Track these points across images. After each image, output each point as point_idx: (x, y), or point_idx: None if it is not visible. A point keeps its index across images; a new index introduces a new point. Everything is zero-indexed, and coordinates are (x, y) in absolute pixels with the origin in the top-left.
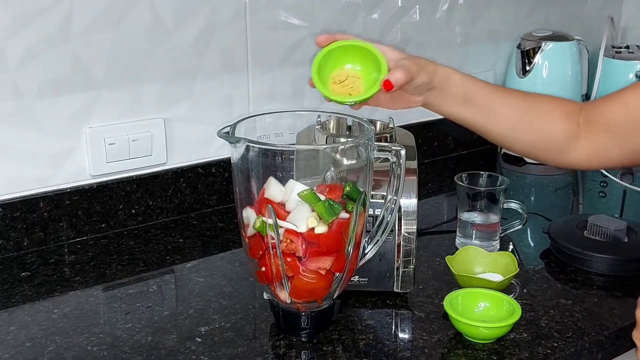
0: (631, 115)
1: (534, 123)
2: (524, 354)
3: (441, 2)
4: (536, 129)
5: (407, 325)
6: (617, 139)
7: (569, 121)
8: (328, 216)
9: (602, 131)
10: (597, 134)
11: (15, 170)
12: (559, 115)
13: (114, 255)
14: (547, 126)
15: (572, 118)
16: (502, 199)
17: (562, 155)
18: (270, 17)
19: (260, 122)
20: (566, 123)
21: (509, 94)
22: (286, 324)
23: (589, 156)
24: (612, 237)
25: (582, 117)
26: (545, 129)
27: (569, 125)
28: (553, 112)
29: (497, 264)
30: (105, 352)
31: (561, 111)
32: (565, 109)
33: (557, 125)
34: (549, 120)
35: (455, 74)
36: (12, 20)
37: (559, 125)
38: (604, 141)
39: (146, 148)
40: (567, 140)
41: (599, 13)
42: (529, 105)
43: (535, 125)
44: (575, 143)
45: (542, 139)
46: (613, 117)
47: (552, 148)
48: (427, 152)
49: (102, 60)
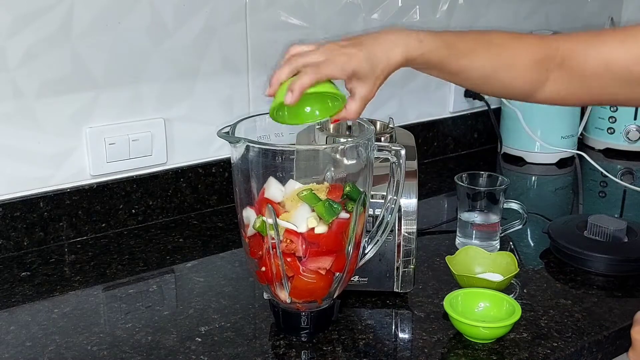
0: (610, 73)
1: (503, 82)
2: (523, 354)
3: (441, 2)
4: (505, 86)
5: (407, 325)
6: (589, 88)
7: (538, 70)
8: (328, 216)
9: (574, 79)
10: (568, 81)
11: (15, 170)
12: (529, 66)
13: (114, 255)
14: (517, 83)
15: (542, 65)
16: (502, 199)
17: (528, 98)
18: (270, 17)
19: (260, 122)
20: (535, 73)
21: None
22: (286, 324)
23: (556, 98)
24: (612, 237)
25: (555, 62)
26: (515, 85)
27: (538, 74)
28: (524, 66)
29: (497, 264)
30: (105, 351)
31: (532, 61)
32: (537, 57)
33: (526, 79)
34: (519, 77)
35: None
36: (12, 20)
37: (527, 78)
38: (575, 87)
39: (146, 148)
40: (535, 87)
41: (599, 13)
42: (498, 63)
43: (505, 84)
44: (543, 88)
45: (512, 91)
46: (590, 71)
47: (519, 96)
48: (427, 152)
49: (102, 60)
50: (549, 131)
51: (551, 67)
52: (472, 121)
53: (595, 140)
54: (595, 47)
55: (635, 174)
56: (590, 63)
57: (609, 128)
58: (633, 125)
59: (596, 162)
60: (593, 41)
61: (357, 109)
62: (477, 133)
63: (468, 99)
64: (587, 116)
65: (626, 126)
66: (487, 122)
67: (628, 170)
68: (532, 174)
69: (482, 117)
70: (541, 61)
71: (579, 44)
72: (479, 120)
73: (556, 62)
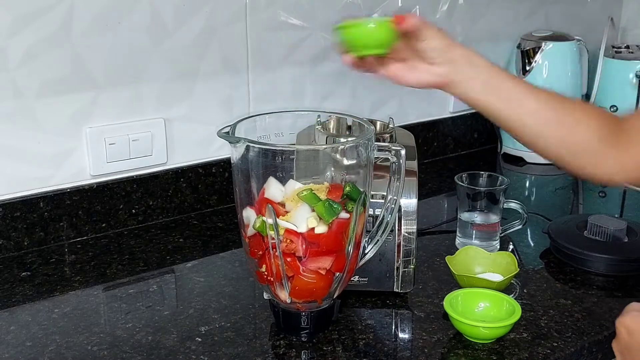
0: None
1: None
2: (523, 354)
3: (441, 2)
4: (568, 128)
5: (407, 325)
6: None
7: (603, 128)
8: (328, 216)
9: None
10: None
11: (15, 170)
12: (594, 120)
13: (115, 255)
14: (581, 127)
15: (608, 126)
16: (502, 199)
17: (593, 165)
18: (270, 17)
19: (260, 122)
20: (601, 129)
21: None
22: (286, 324)
23: (621, 170)
24: (612, 237)
25: (619, 127)
26: (579, 129)
27: (604, 132)
28: (587, 116)
29: (497, 264)
30: (105, 351)
31: (597, 117)
32: (601, 116)
33: (592, 129)
34: (582, 121)
35: (477, 56)
36: (12, 20)
37: (593, 129)
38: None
39: (146, 148)
40: (601, 147)
41: (599, 13)
42: (561, 105)
43: (568, 125)
44: (609, 153)
45: (575, 140)
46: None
47: (584, 153)
48: (427, 152)
49: (102, 60)
50: None
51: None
52: (472, 121)
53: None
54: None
55: None
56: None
57: None
58: None
59: None
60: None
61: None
62: (477, 133)
63: None
64: None
65: None
66: (487, 122)
67: None
68: (532, 174)
69: (482, 117)
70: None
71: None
72: (479, 120)
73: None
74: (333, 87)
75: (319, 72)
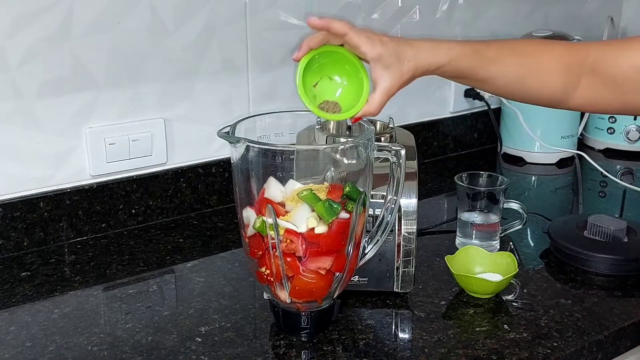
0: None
1: (533, 87)
2: (524, 354)
3: (441, 2)
4: (535, 91)
5: (407, 325)
6: (621, 94)
7: (568, 75)
8: (328, 216)
9: (606, 84)
10: (600, 86)
11: (15, 170)
12: (558, 71)
13: (114, 255)
14: (546, 87)
15: (572, 71)
16: (502, 199)
17: (560, 104)
18: (270, 17)
19: (260, 122)
20: (565, 77)
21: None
22: (286, 324)
23: (588, 104)
24: (612, 237)
25: (585, 68)
26: (545, 90)
27: (568, 79)
28: (553, 70)
29: (497, 264)
30: (105, 352)
31: (560, 66)
32: (565, 62)
33: (556, 84)
34: (548, 81)
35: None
36: (12, 20)
37: (557, 83)
38: (606, 94)
39: (146, 148)
40: (566, 93)
41: (599, 13)
42: (525, 68)
43: (535, 89)
44: (574, 94)
45: (541, 96)
46: (622, 76)
47: (551, 101)
48: (427, 152)
49: (102, 60)
50: (549, 131)
51: (581, 73)
52: (472, 121)
53: (595, 140)
54: (624, 54)
55: (635, 174)
56: (621, 68)
57: (609, 128)
58: (633, 125)
59: (596, 162)
60: (622, 48)
61: (380, 101)
62: (477, 133)
63: (468, 99)
64: (587, 116)
65: (626, 126)
66: (487, 122)
67: (628, 170)
68: (532, 174)
69: (482, 117)
70: (570, 66)
71: (608, 51)
72: (479, 120)
73: (586, 68)
74: None
75: None
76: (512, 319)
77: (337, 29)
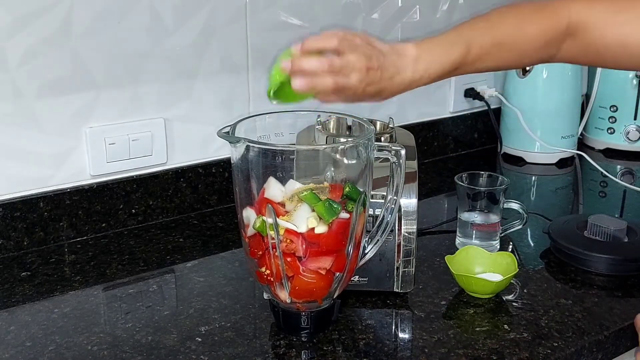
0: (627, 52)
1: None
2: (524, 354)
3: (441, 2)
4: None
5: (407, 325)
6: (603, 61)
7: (548, 49)
8: (328, 216)
9: (587, 52)
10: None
11: (15, 170)
12: (540, 48)
13: (114, 254)
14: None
15: (553, 45)
16: (502, 199)
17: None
18: (270, 17)
19: (260, 122)
20: (546, 50)
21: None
22: (286, 324)
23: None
24: (612, 237)
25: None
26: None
27: (548, 51)
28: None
29: (497, 264)
30: (105, 351)
31: (541, 44)
32: (546, 38)
33: (538, 56)
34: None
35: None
36: (12, 20)
37: (539, 56)
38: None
39: (146, 148)
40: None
41: None
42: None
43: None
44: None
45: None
46: (605, 47)
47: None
48: (427, 152)
49: (102, 60)
50: (549, 131)
51: (562, 40)
52: (472, 121)
53: (595, 140)
54: (613, 25)
55: (635, 174)
56: (606, 40)
57: (609, 128)
58: (633, 125)
59: (596, 162)
60: (611, 17)
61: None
62: (477, 133)
63: (468, 99)
64: (587, 116)
65: (626, 126)
66: (487, 122)
67: (628, 170)
68: (532, 174)
69: (482, 117)
70: (550, 41)
71: (596, 18)
72: (479, 120)
73: (568, 33)
74: None
75: None
76: (512, 319)
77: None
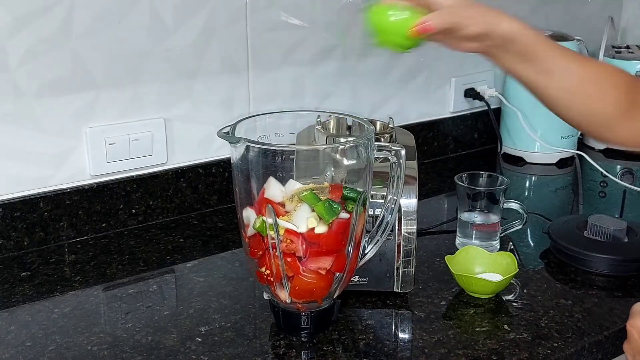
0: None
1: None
2: (524, 354)
3: None
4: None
5: (407, 325)
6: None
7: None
8: (328, 216)
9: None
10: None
11: (15, 170)
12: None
13: (114, 255)
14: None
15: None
16: (502, 199)
17: (608, 131)
18: (270, 17)
19: (260, 122)
20: (623, 99)
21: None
22: (286, 324)
23: (633, 137)
24: (612, 237)
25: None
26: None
27: (624, 102)
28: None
29: (497, 264)
30: (105, 351)
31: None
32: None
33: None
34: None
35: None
36: (12, 20)
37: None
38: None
39: (146, 148)
40: (619, 116)
41: (599, 13)
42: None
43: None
44: (622, 120)
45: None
46: None
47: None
48: (427, 152)
49: (102, 60)
50: (549, 131)
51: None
52: (472, 121)
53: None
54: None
55: (635, 174)
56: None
57: None
58: None
59: (596, 162)
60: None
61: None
62: (477, 133)
63: (468, 99)
64: None
65: None
66: (487, 122)
67: (628, 170)
68: (532, 174)
69: (482, 117)
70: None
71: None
72: (479, 120)
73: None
74: (333, 87)
75: (319, 72)
76: (512, 319)
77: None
